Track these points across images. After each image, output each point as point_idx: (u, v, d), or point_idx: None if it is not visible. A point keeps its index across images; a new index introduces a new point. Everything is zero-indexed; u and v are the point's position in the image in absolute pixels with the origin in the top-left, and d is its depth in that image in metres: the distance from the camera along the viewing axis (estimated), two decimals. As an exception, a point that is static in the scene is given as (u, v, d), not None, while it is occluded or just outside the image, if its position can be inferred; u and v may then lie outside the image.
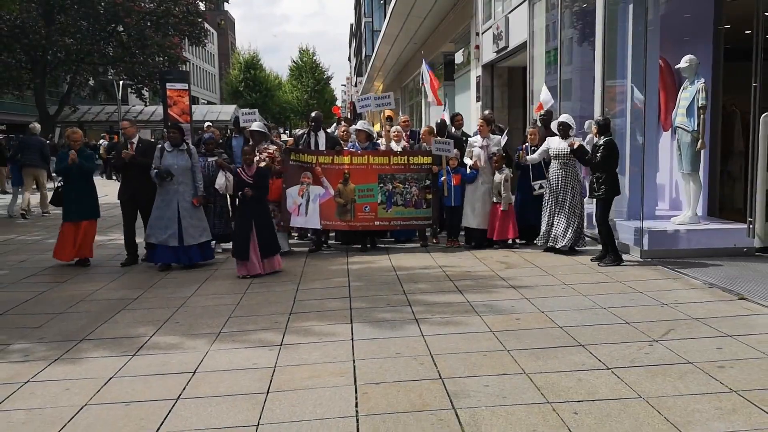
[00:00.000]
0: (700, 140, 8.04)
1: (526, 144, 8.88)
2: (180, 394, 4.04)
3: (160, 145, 8.09)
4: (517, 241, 8.83)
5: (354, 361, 4.51)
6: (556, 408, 3.61)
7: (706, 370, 4.07)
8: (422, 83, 11.45)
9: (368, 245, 8.95)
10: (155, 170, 7.80)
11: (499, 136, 9.07)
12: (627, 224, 8.39)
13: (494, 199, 8.62)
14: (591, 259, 7.57)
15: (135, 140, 8.31)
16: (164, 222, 7.81)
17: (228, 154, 9.34)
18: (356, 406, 3.75)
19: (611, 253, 7.34)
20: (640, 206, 7.95)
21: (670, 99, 9.10)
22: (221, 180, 8.50)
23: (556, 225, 8.08)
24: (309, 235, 9.53)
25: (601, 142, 7.39)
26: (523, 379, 4.05)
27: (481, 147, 8.79)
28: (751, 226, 7.52)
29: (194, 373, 4.42)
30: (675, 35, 9.44)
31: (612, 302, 5.76)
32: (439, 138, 8.95)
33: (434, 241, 9.18)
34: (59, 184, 8.54)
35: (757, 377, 3.94)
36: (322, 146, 8.96)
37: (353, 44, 67.22)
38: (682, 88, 8.30)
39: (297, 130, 11.70)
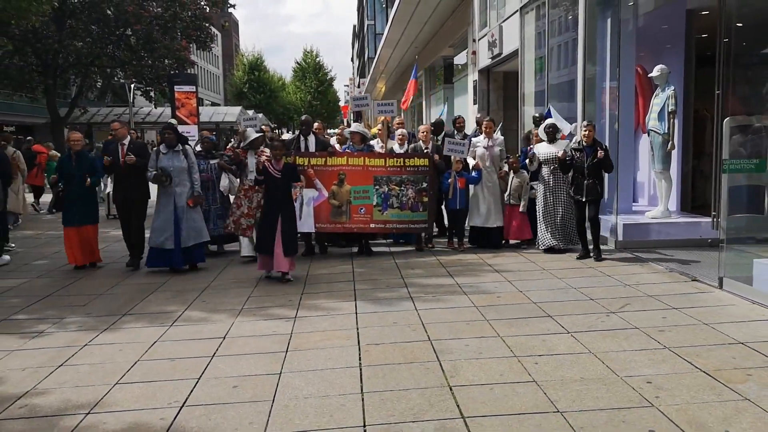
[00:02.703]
0: (671, 142, 8.87)
1: (531, 146, 9.10)
2: (215, 353, 4.91)
3: (155, 148, 8.05)
4: (525, 243, 8.97)
5: (358, 328, 5.38)
6: (521, 360, 4.48)
7: (648, 333, 4.94)
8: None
9: (363, 250, 8.83)
10: (152, 173, 7.80)
11: (502, 137, 9.39)
12: (604, 218, 9.21)
13: (511, 201, 8.80)
14: (576, 258, 7.95)
15: (126, 141, 8.24)
16: (161, 224, 7.80)
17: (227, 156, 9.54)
18: (359, 359, 4.62)
19: (595, 249, 7.90)
20: (615, 202, 8.80)
21: (648, 104, 9.93)
22: (225, 182, 8.62)
23: (551, 227, 8.41)
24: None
25: (603, 146, 7.94)
26: (497, 341, 4.91)
27: (485, 147, 8.92)
28: (715, 219, 8.34)
29: (224, 338, 5.29)
30: (652, 45, 10.30)
31: (582, 284, 6.62)
32: (452, 139, 8.97)
33: (430, 245, 9.05)
34: (60, 188, 8.48)
35: (688, 338, 4.81)
36: (311, 150, 8.91)
37: (356, 45, 68.10)
38: (654, 94, 9.13)
39: (287, 134, 11.63)
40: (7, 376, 4.57)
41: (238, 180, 8.67)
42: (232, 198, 9.26)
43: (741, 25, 7.99)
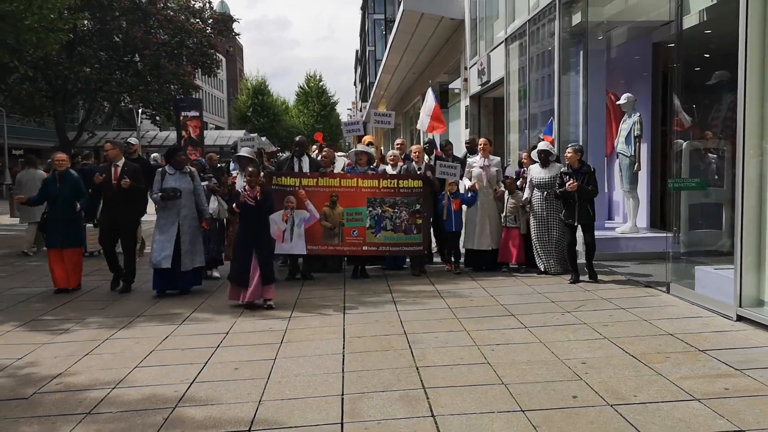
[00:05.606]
0: (637, 164, 9.68)
1: (524, 168, 9.17)
2: (219, 344, 5.69)
3: (161, 169, 8.03)
4: (523, 266, 8.75)
5: (344, 325, 6.16)
6: (480, 348, 5.25)
7: (593, 327, 5.71)
8: (424, 107, 11.93)
9: (358, 274, 8.70)
10: (158, 195, 7.71)
11: (499, 158, 9.61)
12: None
13: (507, 224, 8.64)
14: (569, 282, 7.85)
15: (120, 163, 8.13)
16: (161, 244, 7.70)
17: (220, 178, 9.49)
18: (343, 348, 5.41)
19: (590, 271, 7.92)
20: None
21: (619, 129, 10.78)
22: (214, 205, 8.52)
23: (545, 250, 8.38)
24: (280, 263, 9.27)
25: (590, 170, 7.98)
26: (463, 334, 5.69)
27: (482, 167, 8.86)
28: (676, 234, 9.12)
29: (227, 333, 6.07)
30: (624, 75, 11.19)
31: (547, 290, 7.41)
32: (444, 162, 8.85)
33: (423, 271, 8.74)
34: (45, 210, 8.55)
35: (626, 330, 5.58)
36: (305, 170, 8.76)
37: (358, 70, 69.47)
38: (622, 120, 9.98)
39: (280, 154, 11.20)
40: (41, 362, 5.35)
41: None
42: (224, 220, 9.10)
43: (708, 56, 8.83)
